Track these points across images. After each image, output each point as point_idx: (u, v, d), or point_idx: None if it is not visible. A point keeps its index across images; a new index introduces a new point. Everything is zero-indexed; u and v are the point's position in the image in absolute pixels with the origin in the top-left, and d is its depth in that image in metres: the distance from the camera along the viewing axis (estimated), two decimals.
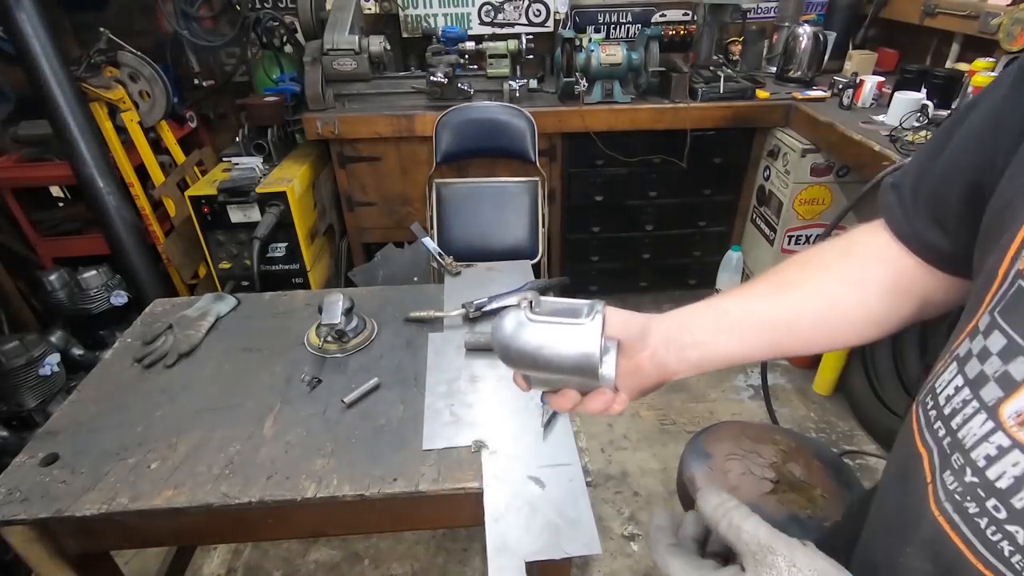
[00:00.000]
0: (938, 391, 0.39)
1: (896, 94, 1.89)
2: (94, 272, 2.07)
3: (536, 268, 2.10)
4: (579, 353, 0.46)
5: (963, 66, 2.05)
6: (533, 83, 2.44)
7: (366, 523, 1.05)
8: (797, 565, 0.33)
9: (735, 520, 0.38)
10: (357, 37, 2.20)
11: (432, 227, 2.15)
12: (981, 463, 0.34)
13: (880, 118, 1.94)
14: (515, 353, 0.48)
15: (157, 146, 2.35)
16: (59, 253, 2.30)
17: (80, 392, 1.11)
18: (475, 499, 0.88)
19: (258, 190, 2.10)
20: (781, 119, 2.27)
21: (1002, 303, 0.35)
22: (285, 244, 2.23)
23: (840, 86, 2.12)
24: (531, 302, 0.49)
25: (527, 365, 0.49)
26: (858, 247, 0.55)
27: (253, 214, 2.14)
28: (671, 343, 0.52)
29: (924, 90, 1.92)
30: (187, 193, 2.13)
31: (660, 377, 0.53)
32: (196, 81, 2.61)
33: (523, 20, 2.56)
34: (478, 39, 2.36)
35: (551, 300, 0.50)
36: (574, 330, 0.46)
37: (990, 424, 0.34)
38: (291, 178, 2.17)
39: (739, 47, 2.61)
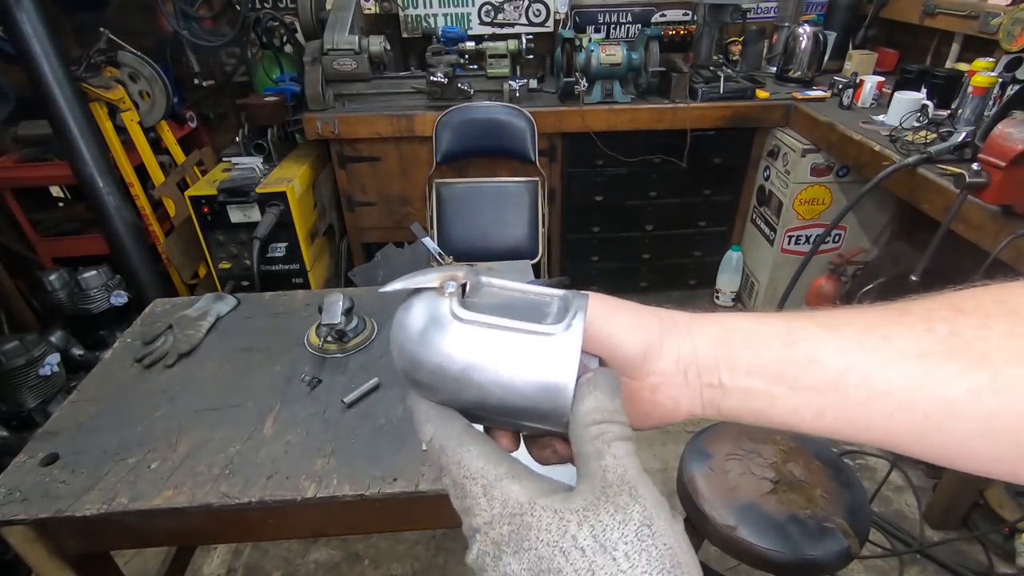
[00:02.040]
0: None
1: (896, 94, 1.89)
2: (94, 272, 2.07)
3: (536, 268, 2.10)
4: (539, 384, 0.28)
5: (963, 66, 2.05)
6: (533, 83, 2.43)
7: (366, 523, 1.05)
8: (652, 527, 0.23)
9: (607, 434, 0.26)
10: (357, 37, 2.20)
11: (432, 227, 2.15)
12: None
13: (880, 118, 1.94)
14: (428, 371, 0.29)
15: (157, 146, 2.35)
16: (59, 253, 2.29)
17: (80, 392, 1.11)
18: None
19: (258, 190, 2.10)
20: (781, 119, 2.27)
21: None
22: (285, 244, 2.23)
23: (840, 86, 2.12)
24: (463, 284, 0.30)
25: (448, 393, 0.29)
26: None
27: (253, 214, 2.14)
28: (689, 369, 0.32)
29: (924, 90, 1.92)
30: (187, 193, 2.13)
31: (662, 417, 0.34)
32: (196, 81, 2.61)
33: (523, 20, 2.56)
34: (478, 39, 2.36)
35: (497, 284, 0.32)
36: (533, 343, 0.28)
37: None
38: (291, 178, 2.17)
39: (739, 47, 2.61)
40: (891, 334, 0.29)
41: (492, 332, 0.28)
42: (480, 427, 0.31)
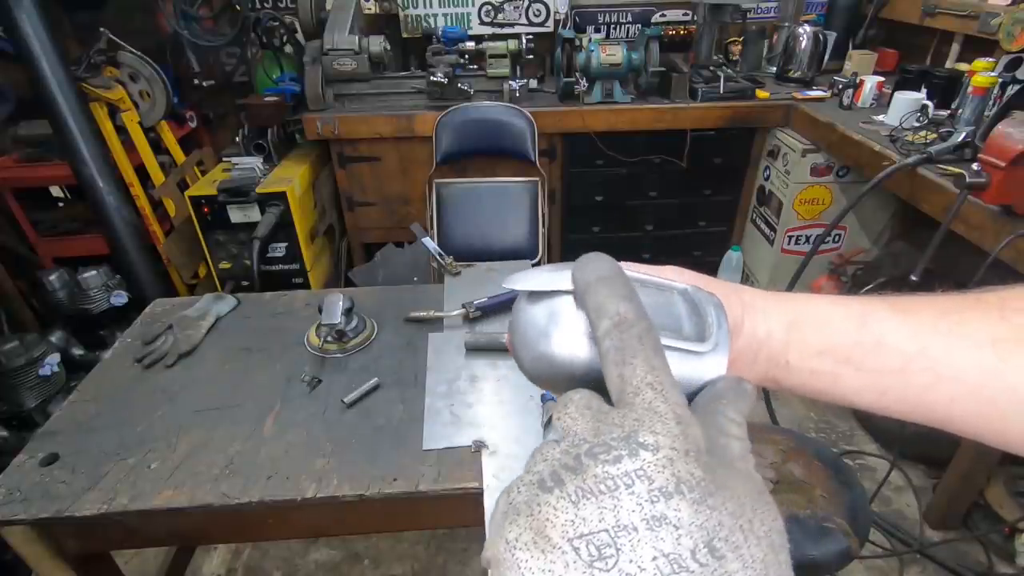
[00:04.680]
0: None
1: (896, 94, 1.89)
2: (94, 272, 2.06)
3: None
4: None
5: (963, 66, 2.05)
6: (533, 83, 2.44)
7: (366, 523, 1.05)
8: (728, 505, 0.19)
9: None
10: (357, 37, 2.20)
11: (432, 227, 2.15)
12: None
13: (880, 118, 1.94)
14: (553, 374, 0.28)
15: (157, 146, 2.35)
16: (59, 253, 2.29)
17: (80, 392, 1.11)
18: (475, 499, 0.88)
19: (258, 190, 2.10)
20: (781, 119, 2.27)
21: None
22: (285, 244, 2.23)
23: (840, 86, 2.12)
24: None
25: (564, 388, 0.28)
26: None
27: (253, 214, 2.14)
28: (760, 351, 0.33)
29: (924, 90, 1.92)
30: (187, 193, 2.13)
31: None
32: (196, 81, 2.61)
33: (523, 20, 2.56)
34: (478, 39, 2.36)
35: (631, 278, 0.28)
36: (681, 362, 0.27)
37: None
38: (291, 178, 2.16)
39: (739, 47, 2.61)
40: (966, 320, 0.30)
41: None
42: None
